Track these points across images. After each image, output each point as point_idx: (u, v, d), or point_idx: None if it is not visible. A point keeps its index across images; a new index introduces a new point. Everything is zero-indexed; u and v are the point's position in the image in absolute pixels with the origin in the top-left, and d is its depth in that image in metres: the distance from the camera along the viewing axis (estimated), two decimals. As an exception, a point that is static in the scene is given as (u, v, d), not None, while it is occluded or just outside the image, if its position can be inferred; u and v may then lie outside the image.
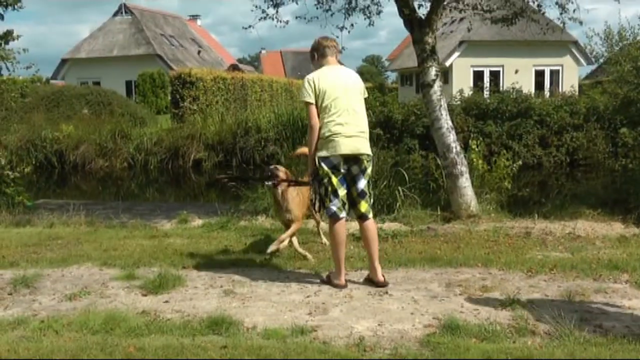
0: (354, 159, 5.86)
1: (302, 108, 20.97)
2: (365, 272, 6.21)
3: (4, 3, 10.45)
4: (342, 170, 5.83)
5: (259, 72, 54.07)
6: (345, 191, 5.91)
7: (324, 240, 7.47)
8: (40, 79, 11.01)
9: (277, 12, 10.92)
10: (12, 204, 10.91)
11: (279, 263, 6.74)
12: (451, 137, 9.25)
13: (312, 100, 5.82)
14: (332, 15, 11.14)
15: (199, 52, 50.16)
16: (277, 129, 19.35)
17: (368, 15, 11.20)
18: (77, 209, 10.02)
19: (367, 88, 6.44)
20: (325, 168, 5.79)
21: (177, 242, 7.77)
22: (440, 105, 9.30)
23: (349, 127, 5.82)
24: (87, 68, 44.18)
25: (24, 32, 10.73)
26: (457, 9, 10.96)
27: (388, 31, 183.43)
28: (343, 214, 5.88)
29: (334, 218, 5.87)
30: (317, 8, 11.06)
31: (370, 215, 6.01)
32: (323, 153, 5.80)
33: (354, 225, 8.43)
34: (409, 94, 37.73)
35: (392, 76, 71.28)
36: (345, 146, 5.77)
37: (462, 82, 31.55)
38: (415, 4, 9.65)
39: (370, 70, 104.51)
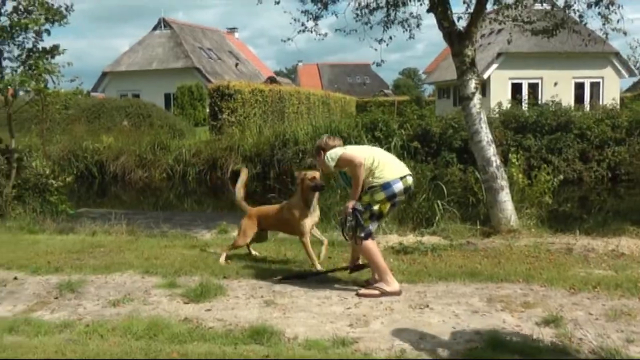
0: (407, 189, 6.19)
1: (339, 121, 21.10)
2: (405, 285, 6.22)
3: (51, 20, 10.69)
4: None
5: (295, 85, 54.29)
6: None
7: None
8: (81, 91, 11.28)
9: (316, 25, 10.99)
10: (56, 212, 11.10)
11: (319, 275, 6.75)
12: (491, 151, 9.19)
13: (346, 149, 6.23)
14: (371, 28, 11.17)
15: (236, 64, 50.57)
16: (315, 141, 19.37)
17: (407, 28, 11.22)
18: (119, 218, 10.16)
19: (404, 101, 6.67)
20: (384, 195, 6.04)
21: (218, 252, 7.81)
22: (480, 119, 9.26)
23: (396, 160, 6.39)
24: (127, 81, 44.90)
25: (65, 46, 10.96)
26: (496, 21, 10.91)
27: (425, 44, 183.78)
28: None
29: (371, 237, 6.16)
30: (356, 21, 11.10)
31: None
32: (389, 176, 6.05)
33: (393, 239, 8.51)
34: (447, 106, 37.59)
35: (429, 89, 71.29)
36: (404, 169, 6.24)
37: (500, 95, 31.36)
38: (455, 17, 9.64)
39: (407, 83, 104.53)
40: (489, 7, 10.08)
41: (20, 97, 11.88)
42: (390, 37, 11.24)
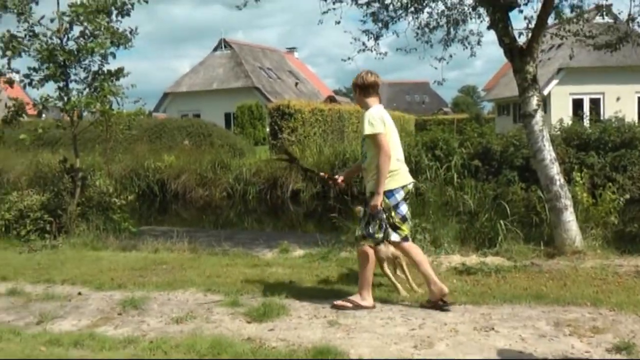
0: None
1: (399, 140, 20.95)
2: (470, 307, 6.14)
3: (116, 43, 10.93)
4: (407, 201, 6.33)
5: (354, 104, 54.32)
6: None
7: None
8: (143, 112, 11.54)
9: (377, 44, 11.01)
10: (119, 229, 11.29)
11: (382, 295, 6.69)
12: (554, 169, 9.01)
13: (385, 132, 6.10)
14: (431, 46, 11.16)
15: (296, 84, 50.92)
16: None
17: (466, 45, 11.18)
18: (180, 236, 10.27)
19: (463, 119, 6.62)
20: (398, 199, 6.19)
21: (279, 272, 7.84)
22: (543, 136, 9.09)
23: (404, 163, 6.40)
24: (188, 101, 45.68)
25: (128, 68, 11.19)
26: (557, 36, 10.77)
27: (484, 61, 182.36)
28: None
29: (408, 242, 6.32)
30: (417, 40, 11.10)
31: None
32: (392, 185, 6.16)
33: (455, 259, 8.40)
34: (506, 124, 37.16)
35: (488, 106, 70.68)
36: (407, 177, 6.32)
37: (561, 111, 30.83)
38: (515, 33, 9.52)
39: (465, 100, 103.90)
40: (550, 21, 9.96)
41: (85, 117, 12.12)
42: (451, 55, 11.24)
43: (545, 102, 33.17)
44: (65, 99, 10.90)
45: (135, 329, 5.73)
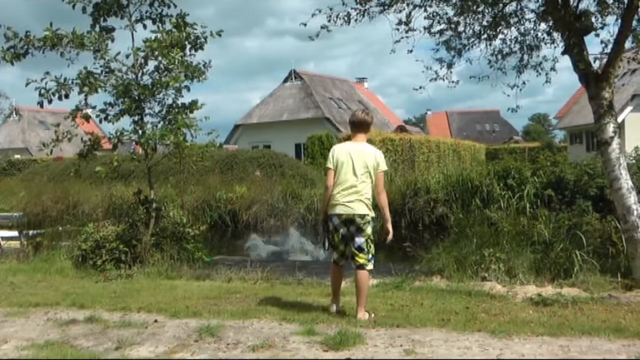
0: (350, 221, 7.08)
1: (470, 169, 20.80)
2: (547, 339, 6.01)
3: (190, 77, 11.10)
4: (342, 231, 7.13)
5: (424, 133, 54.10)
6: (343, 246, 7.27)
7: None
8: (214, 144, 11.68)
9: (450, 72, 10.99)
10: (192, 259, 11.42)
11: (458, 325, 6.60)
12: (632, 199, 8.73)
13: (332, 166, 7.23)
14: (504, 73, 11.08)
15: (366, 114, 50.88)
16: (446, 190, 19.11)
17: (540, 72, 11.06)
18: (254, 265, 10.34)
19: (535, 148, 6.53)
20: (330, 227, 7.21)
21: (353, 301, 7.74)
22: (620, 164, 8.85)
23: (345, 195, 7.12)
24: (258, 132, 46.26)
25: (201, 100, 11.28)
26: (635, 60, 10.54)
27: (555, 88, 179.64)
28: (342, 263, 7.38)
29: (333, 263, 7.44)
30: (490, 67, 11.03)
31: (368, 267, 7.17)
32: (329, 213, 7.20)
33: (530, 290, 8.23)
34: (579, 152, 36.38)
35: (559, 134, 69.44)
36: (340, 209, 7.10)
37: (636, 139, 29.96)
38: (591, 58, 9.34)
39: (536, 129, 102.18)
40: (627, 45, 9.74)
41: (158, 149, 12.29)
42: (524, 82, 11.13)
43: (619, 130, 32.37)
44: (140, 132, 11.09)
45: (212, 355, 5.78)
